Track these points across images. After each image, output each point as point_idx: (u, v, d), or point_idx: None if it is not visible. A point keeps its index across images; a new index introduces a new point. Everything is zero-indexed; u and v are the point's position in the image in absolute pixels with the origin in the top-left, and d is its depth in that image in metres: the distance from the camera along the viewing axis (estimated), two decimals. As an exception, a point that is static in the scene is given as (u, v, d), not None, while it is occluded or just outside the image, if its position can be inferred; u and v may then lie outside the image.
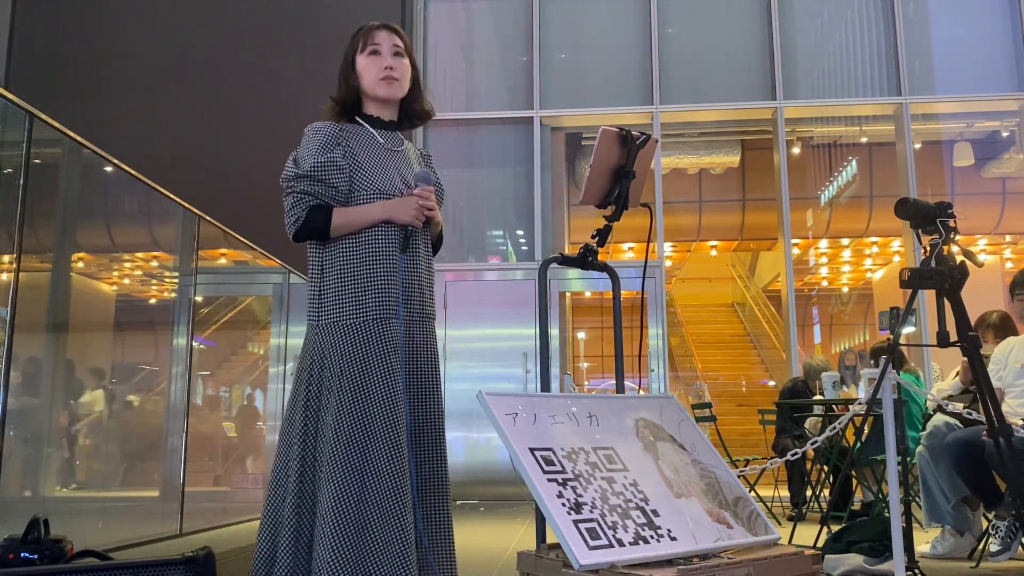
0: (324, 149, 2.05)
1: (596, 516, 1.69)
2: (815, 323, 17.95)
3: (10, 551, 1.81)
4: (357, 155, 2.08)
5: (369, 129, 2.16)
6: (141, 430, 4.01)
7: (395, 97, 2.17)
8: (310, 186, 2.02)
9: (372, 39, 2.15)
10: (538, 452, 1.78)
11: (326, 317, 2.02)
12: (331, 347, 2.00)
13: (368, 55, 2.14)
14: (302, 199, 2.02)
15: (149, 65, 8.84)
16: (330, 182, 2.03)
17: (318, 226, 2.02)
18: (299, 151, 2.09)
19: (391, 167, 2.13)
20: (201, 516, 4.04)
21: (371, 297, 2.01)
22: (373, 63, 2.13)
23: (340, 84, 2.18)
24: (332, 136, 2.08)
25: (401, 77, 2.15)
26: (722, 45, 8.55)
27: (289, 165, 2.07)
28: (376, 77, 2.12)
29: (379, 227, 2.04)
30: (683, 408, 2.21)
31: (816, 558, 1.82)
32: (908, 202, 2.97)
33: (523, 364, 7.73)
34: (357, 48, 2.16)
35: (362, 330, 2.00)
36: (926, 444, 3.89)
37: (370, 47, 2.14)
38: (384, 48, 2.14)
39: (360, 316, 2.00)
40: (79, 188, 3.51)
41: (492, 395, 1.85)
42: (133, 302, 4.18)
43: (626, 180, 2.25)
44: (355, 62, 2.15)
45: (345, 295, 2.02)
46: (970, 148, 10.15)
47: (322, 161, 2.03)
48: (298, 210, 2.02)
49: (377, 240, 2.04)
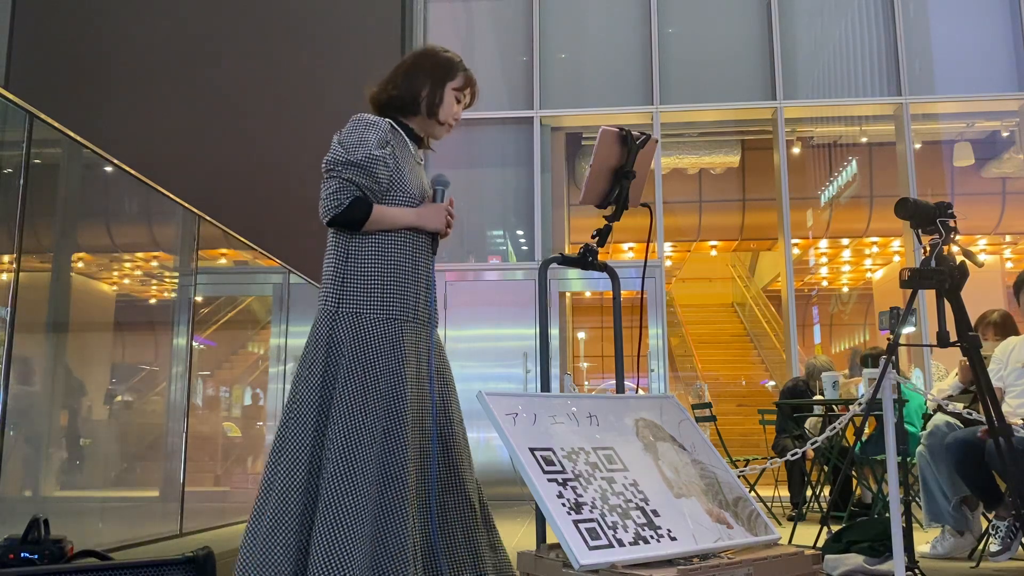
0: (379, 144, 2.11)
1: (596, 516, 1.69)
2: (815, 323, 17.95)
3: (10, 551, 1.80)
4: (399, 158, 2.16)
5: (405, 137, 2.24)
6: (141, 430, 4.01)
7: (437, 138, 2.31)
8: (357, 175, 2.06)
9: (466, 89, 2.28)
10: (538, 452, 1.78)
11: (347, 306, 2.05)
12: (348, 337, 2.03)
13: (455, 96, 2.26)
14: (346, 187, 2.06)
15: (149, 65, 8.84)
16: (377, 177, 2.08)
17: (357, 218, 2.06)
18: (345, 136, 2.12)
19: (417, 173, 2.23)
20: (201, 516, 4.04)
21: (397, 297, 2.07)
22: (454, 105, 2.25)
23: (408, 86, 2.22)
24: (386, 134, 2.14)
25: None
26: (722, 45, 8.55)
27: (336, 149, 2.10)
28: (447, 118, 2.25)
29: (411, 231, 2.13)
30: (683, 408, 2.20)
31: (816, 558, 1.82)
32: (908, 202, 2.97)
33: (523, 364, 7.73)
34: (452, 79, 2.25)
35: (384, 327, 2.04)
36: (926, 444, 3.89)
37: (461, 92, 2.27)
38: (464, 102, 2.29)
39: (384, 313, 2.05)
40: (79, 188, 3.51)
41: (492, 395, 1.85)
42: (133, 302, 4.18)
43: (626, 180, 2.25)
44: (445, 88, 2.23)
45: (373, 289, 2.06)
46: (970, 148, 10.15)
47: (376, 155, 2.08)
48: (341, 196, 2.05)
49: (410, 243, 2.12)
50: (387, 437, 1.98)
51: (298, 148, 8.37)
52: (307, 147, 8.41)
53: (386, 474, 1.96)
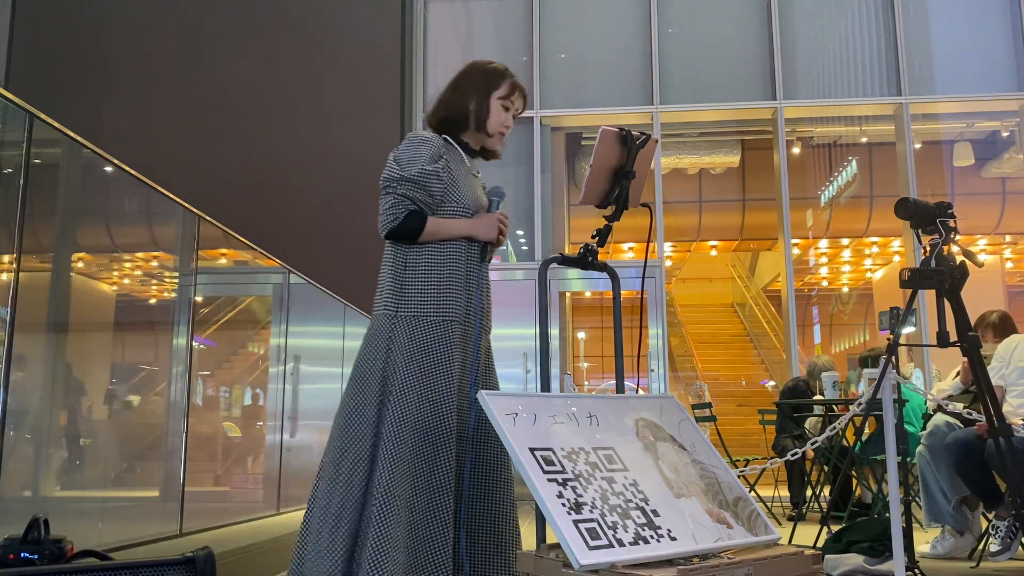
0: (432, 159, 2.20)
1: (596, 516, 1.69)
2: (815, 323, 17.94)
3: (10, 551, 1.80)
4: (453, 172, 2.26)
5: (460, 152, 2.35)
6: (141, 430, 4.01)
7: (492, 149, 2.40)
8: (411, 190, 2.17)
9: (513, 96, 2.36)
10: (538, 452, 1.78)
11: (405, 310, 2.18)
12: (406, 338, 2.15)
13: (502, 105, 2.34)
14: (401, 202, 2.16)
15: (149, 65, 8.85)
16: (430, 190, 2.19)
17: (412, 230, 2.18)
18: (400, 153, 2.23)
19: (473, 186, 2.33)
20: (201, 516, 4.04)
21: (450, 302, 2.19)
22: (501, 114, 2.34)
23: (455, 103, 2.33)
24: (439, 149, 2.24)
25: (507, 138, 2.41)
26: (722, 45, 8.55)
27: (392, 166, 2.21)
28: (497, 127, 2.34)
29: (463, 240, 2.24)
30: (683, 408, 2.20)
31: (816, 558, 1.82)
32: (908, 202, 2.97)
33: (523, 364, 7.73)
34: (496, 88, 2.34)
35: (442, 329, 2.17)
36: (926, 444, 3.89)
37: (508, 100, 2.35)
38: (513, 110, 2.37)
39: (439, 315, 2.18)
40: (79, 188, 3.50)
41: (492, 395, 1.85)
42: (133, 302, 4.18)
43: (626, 180, 2.24)
44: (490, 99, 2.33)
45: (428, 294, 2.19)
46: (970, 148, 10.15)
47: (429, 170, 2.18)
48: (397, 211, 2.16)
49: (458, 251, 2.23)
50: (435, 436, 2.11)
51: (298, 148, 8.38)
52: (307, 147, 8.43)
53: (431, 473, 2.10)
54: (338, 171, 8.19)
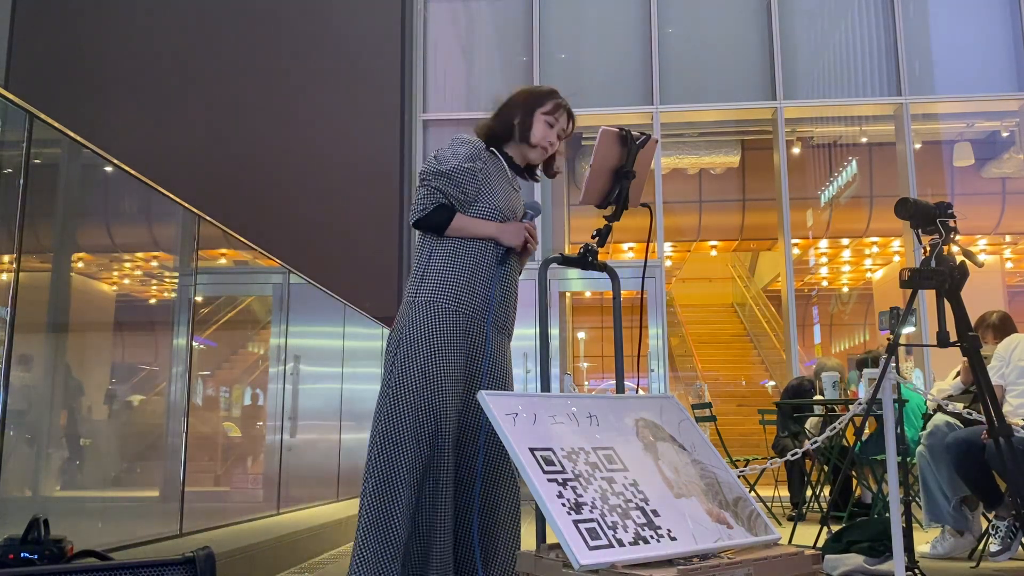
0: (469, 158, 2.29)
1: (596, 516, 1.69)
2: (815, 323, 17.94)
3: (10, 551, 1.80)
4: (490, 176, 2.35)
5: (503, 163, 2.43)
6: (141, 430, 4.01)
7: (535, 163, 2.48)
8: (444, 184, 2.26)
9: (557, 114, 2.42)
10: (538, 452, 1.78)
11: (423, 296, 2.26)
12: (416, 324, 2.23)
13: (546, 121, 2.40)
14: (433, 194, 2.26)
15: (149, 65, 8.85)
16: (463, 187, 2.27)
17: (439, 222, 2.26)
18: (441, 151, 2.33)
19: (511, 197, 2.41)
20: (201, 516, 4.03)
21: (467, 295, 2.25)
22: (545, 129, 2.40)
23: (502, 116, 2.42)
24: (477, 151, 2.34)
25: (550, 154, 2.48)
26: (722, 45, 8.55)
27: (431, 161, 2.31)
28: (540, 140, 2.40)
29: (488, 241, 2.30)
30: (683, 408, 2.20)
31: (816, 558, 1.82)
32: (908, 202, 2.97)
33: (523, 364, 7.73)
34: (541, 106, 2.40)
35: (454, 318, 2.22)
36: (926, 444, 3.89)
37: (552, 117, 2.40)
38: (558, 127, 2.43)
39: (454, 305, 2.25)
40: (79, 188, 3.50)
41: (492, 395, 1.85)
42: (133, 302, 4.18)
43: (626, 180, 2.25)
44: (534, 114, 2.39)
45: (445, 283, 2.26)
46: (970, 148, 10.14)
47: (465, 167, 2.28)
48: (427, 202, 2.26)
49: (483, 250, 2.30)
50: (431, 419, 2.17)
51: (298, 148, 8.38)
52: (307, 147, 8.43)
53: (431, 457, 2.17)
54: (338, 171, 8.19)
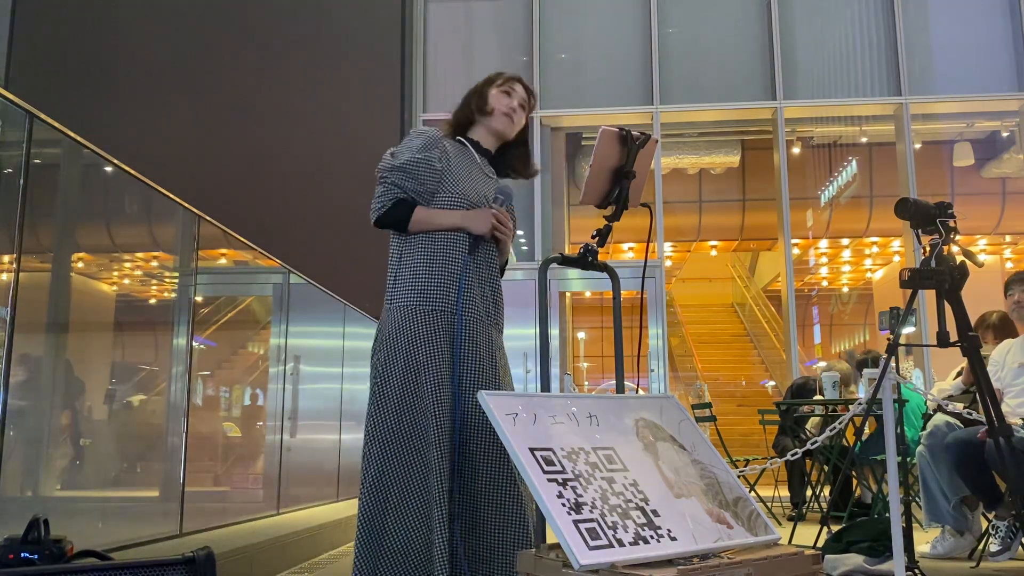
0: (423, 149, 2.24)
1: (596, 516, 1.69)
2: (815, 323, 17.94)
3: (10, 551, 1.80)
4: (452, 163, 2.29)
5: (471, 148, 2.38)
6: (141, 430, 4.01)
7: (507, 134, 2.41)
8: (401, 179, 2.21)
9: (510, 84, 2.41)
10: (538, 452, 1.77)
11: (397, 301, 2.21)
12: (395, 326, 2.19)
13: (501, 92, 2.39)
14: (391, 190, 2.21)
15: (149, 65, 8.84)
16: (420, 179, 2.21)
17: (399, 218, 2.21)
18: (398, 147, 2.28)
19: (479, 183, 2.34)
20: (201, 516, 4.04)
21: (438, 290, 2.19)
22: (503, 99, 2.39)
23: (461, 105, 2.42)
24: (432, 140, 2.27)
25: (517, 122, 2.42)
26: (722, 45, 8.55)
27: (387, 157, 2.26)
28: (501, 109, 2.37)
29: (455, 232, 2.23)
30: (683, 408, 2.20)
31: (816, 558, 1.82)
32: (908, 202, 2.97)
33: (523, 364, 7.73)
34: (494, 83, 2.41)
35: (426, 317, 2.18)
36: (926, 444, 3.89)
37: (505, 87, 2.40)
38: (516, 94, 2.40)
39: (427, 304, 2.18)
40: (79, 188, 3.50)
41: (492, 395, 1.85)
42: (133, 302, 4.18)
43: (626, 180, 2.24)
44: (486, 93, 2.39)
45: (416, 284, 2.20)
46: (970, 148, 10.15)
47: (419, 158, 2.22)
48: (385, 199, 2.21)
49: (451, 242, 2.23)
50: (419, 428, 2.13)
51: (298, 148, 8.38)
52: (307, 147, 8.42)
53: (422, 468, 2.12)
54: (338, 171, 8.18)
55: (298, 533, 4.07)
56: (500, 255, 2.38)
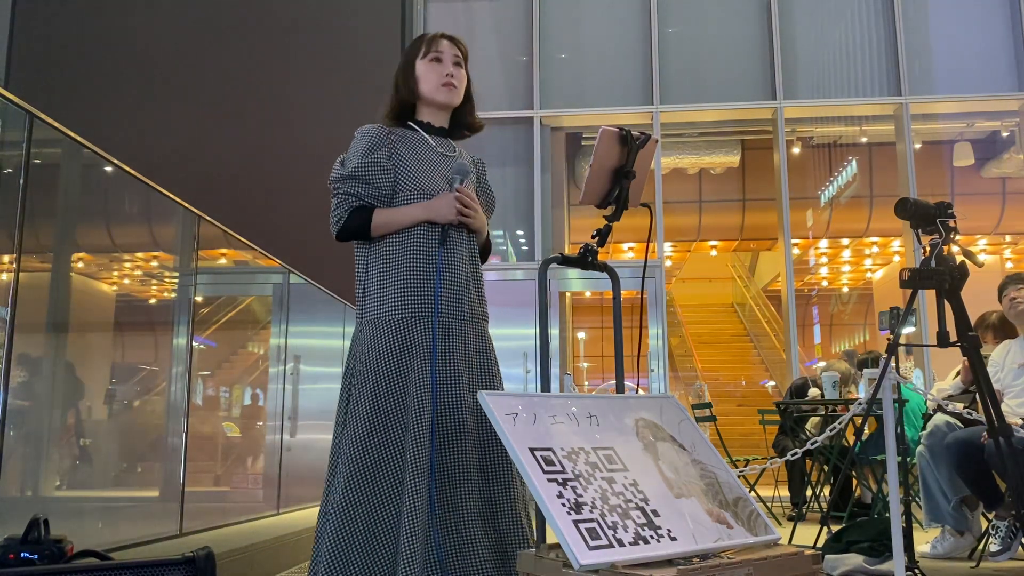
0: (369, 151, 2.10)
1: (596, 516, 1.69)
2: (815, 323, 17.95)
3: (10, 551, 1.80)
4: (404, 157, 2.13)
5: (421, 133, 2.20)
6: (141, 430, 4.02)
7: (453, 104, 2.21)
8: (353, 187, 2.07)
9: (435, 46, 2.19)
10: (538, 452, 1.77)
11: (370, 314, 2.07)
12: (368, 342, 2.05)
13: (430, 61, 2.18)
14: (345, 200, 2.07)
15: (149, 65, 8.84)
16: (373, 182, 2.08)
17: (358, 226, 2.07)
18: (347, 153, 2.14)
19: (438, 169, 2.16)
20: (201, 516, 4.04)
21: (409, 295, 2.05)
22: (434, 69, 2.17)
23: (396, 87, 2.21)
24: (378, 138, 2.13)
25: (459, 85, 2.21)
26: (722, 45, 8.55)
27: (336, 167, 2.13)
28: (437, 83, 2.17)
29: (420, 227, 2.08)
30: (683, 408, 2.20)
31: (816, 558, 1.82)
32: (908, 202, 2.97)
33: (523, 364, 7.73)
34: (418, 53, 2.19)
35: (399, 326, 2.03)
36: (926, 444, 3.89)
37: (432, 54, 2.18)
38: (446, 56, 2.19)
39: (397, 313, 2.04)
40: (79, 188, 3.51)
41: (492, 395, 1.85)
42: (133, 302, 4.18)
43: (626, 180, 2.24)
44: (415, 67, 2.19)
45: (385, 293, 2.06)
46: (970, 148, 10.15)
47: (366, 162, 2.09)
48: (340, 211, 2.07)
49: (417, 240, 2.08)
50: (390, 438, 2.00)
51: (298, 148, 8.38)
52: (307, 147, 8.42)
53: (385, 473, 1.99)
54: (338, 171, 8.16)
55: (298, 533, 4.07)
56: (477, 236, 2.19)
